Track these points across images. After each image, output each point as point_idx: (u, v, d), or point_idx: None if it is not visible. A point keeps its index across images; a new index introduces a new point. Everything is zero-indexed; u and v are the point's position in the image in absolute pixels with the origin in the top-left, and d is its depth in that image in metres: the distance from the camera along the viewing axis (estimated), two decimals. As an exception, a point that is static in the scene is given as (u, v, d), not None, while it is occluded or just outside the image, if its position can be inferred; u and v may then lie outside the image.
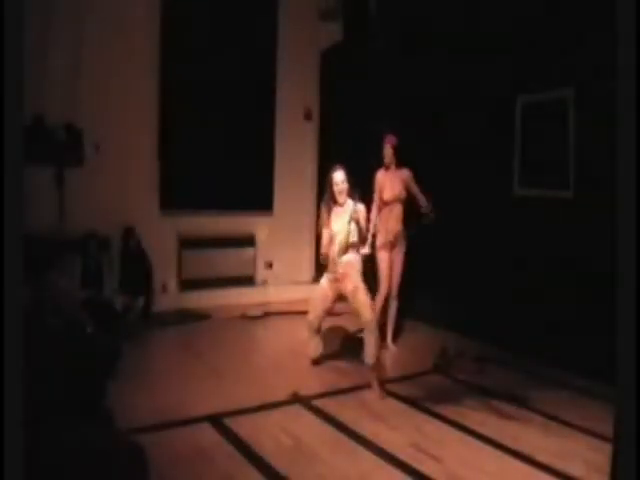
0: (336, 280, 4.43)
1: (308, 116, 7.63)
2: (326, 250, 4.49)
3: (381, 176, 5.22)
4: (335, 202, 4.44)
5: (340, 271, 4.40)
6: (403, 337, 5.69)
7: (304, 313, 4.85)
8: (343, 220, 4.36)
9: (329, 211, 4.47)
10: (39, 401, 1.61)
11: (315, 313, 4.63)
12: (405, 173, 5.24)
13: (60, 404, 1.62)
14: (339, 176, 4.41)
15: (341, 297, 4.53)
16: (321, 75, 7.66)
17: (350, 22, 7.17)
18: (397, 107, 6.60)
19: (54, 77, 5.65)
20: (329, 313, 4.73)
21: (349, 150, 6.58)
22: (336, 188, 4.40)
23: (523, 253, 5.25)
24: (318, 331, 4.73)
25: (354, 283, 4.35)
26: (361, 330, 4.46)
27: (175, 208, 6.59)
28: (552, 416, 3.85)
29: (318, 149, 7.73)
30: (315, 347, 4.76)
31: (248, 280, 7.26)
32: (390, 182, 5.17)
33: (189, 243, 6.70)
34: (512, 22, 5.31)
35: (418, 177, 5.30)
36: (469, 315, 5.65)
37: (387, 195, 5.16)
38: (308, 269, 7.72)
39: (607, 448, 2.18)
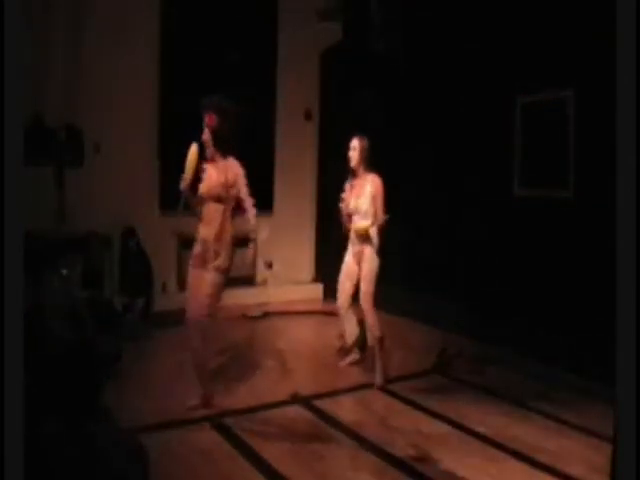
0: (356, 255, 4.42)
1: (308, 116, 7.63)
2: (346, 225, 4.47)
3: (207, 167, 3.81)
4: (352, 173, 4.43)
5: (357, 248, 4.40)
6: (403, 337, 5.68)
7: (304, 313, 4.85)
8: (360, 195, 4.37)
9: (350, 184, 4.45)
10: (39, 401, 1.61)
11: (343, 292, 4.53)
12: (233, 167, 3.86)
13: (60, 404, 1.62)
14: (353, 142, 4.42)
15: None
16: (321, 75, 7.66)
17: (350, 22, 7.17)
18: (397, 107, 6.60)
19: (54, 77, 5.65)
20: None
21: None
22: (349, 153, 4.42)
23: (523, 252, 5.25)
24: (349, 310, 4.58)
25: (366, 270, 4.32)
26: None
27: (175, 208, 6.57)
28: (552, 416, 3.85)
29: (318, 149, 7.72)
30: (350, 331, 4.62)
31: (248, 280, 7.25)
32: (209, 176, 3.80)
33: (189, 243, 6.68)
34: (513, 21, 5.31)
35: (419, 177, 5.26)
36: (469, 315, 5.65)
37: (202, 188, 3.79)
38: (308, 269, 7.72)
39: (607, 448, 2.18)
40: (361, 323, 4.61)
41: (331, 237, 7.00)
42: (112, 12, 5.99)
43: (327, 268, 7.18)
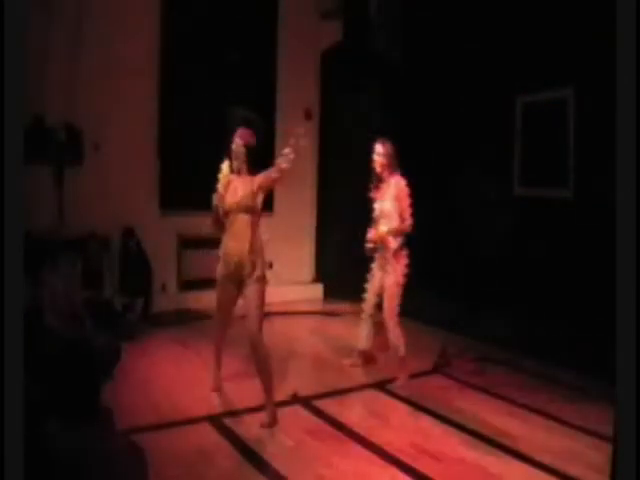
0: (380, 261, 4.38)
1: (308, 116, 7.63)
2: (372, 232, 4.40)
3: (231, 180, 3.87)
4: (377, 178, 4.39)
5: (380, 254, 4.36)
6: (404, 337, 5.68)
7: (304, 313, 4.85)
8: (384, 198, 4.33)
9: (375, 189, 4.41)
10: (38, 401, 1.61)
11: (368, 300, 4.53)
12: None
13: (59, 405, 1.62)
14: (377, 147, 4.36)
15: None
16: (321, 75, 7.66)
17: (350, 22, 7.17)
18: (397, 107, 6.60)
19: (54, 77, 5.64)
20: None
21: (348, 150, 6.58)
22: (374, 158, 4.36)
23: (522, 252, 5.25)
24: (371, 317, 4.57)
25: (388, 282, 4.29)
26: None
27: (175, 208, 6.58)
28: (553, 416, 3.84)
29: (318, 149, 7.72)
30: (366, 337, 4.60)
31: (248, 280, 7.24)
32: (234, 188, 3.83)
33: (189, 243, 6.69)
34: (513, 21, 5.31)
35: (418, 176, 5.26)
36: (469, 315, 5.65)
37: (228, 201, 3.81)
38: (308, 269, 7.71)
39: (607, 448, 2.18)
40: (377, 326, 4.59)
41: (332, 237, 7.02)
42: (112, 12, 5.99)
43: (327, 268, 7.19)
